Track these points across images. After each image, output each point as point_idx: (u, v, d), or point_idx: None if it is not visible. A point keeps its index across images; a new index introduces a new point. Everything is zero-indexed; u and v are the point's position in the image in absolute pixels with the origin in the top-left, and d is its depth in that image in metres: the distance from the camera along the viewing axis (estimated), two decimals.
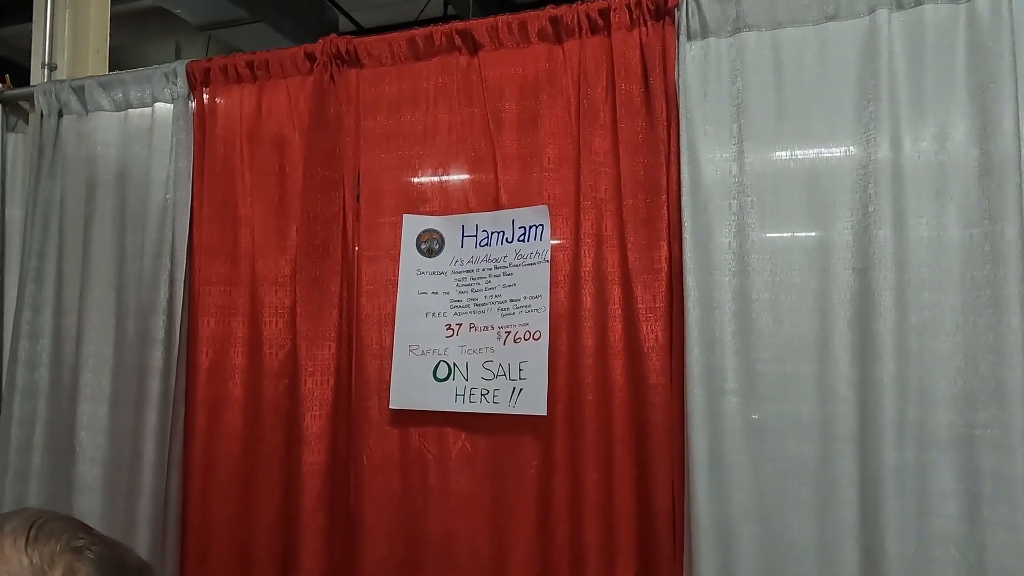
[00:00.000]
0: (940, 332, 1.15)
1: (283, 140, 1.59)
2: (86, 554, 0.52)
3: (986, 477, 1.11)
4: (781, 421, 1.23)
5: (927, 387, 1.15)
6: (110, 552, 0.53)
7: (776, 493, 1.23)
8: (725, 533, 1.24)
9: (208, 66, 1.64)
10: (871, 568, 1.16)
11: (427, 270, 1.47)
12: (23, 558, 0.49)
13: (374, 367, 1.48)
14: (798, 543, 1.21)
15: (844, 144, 1.24)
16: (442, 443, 1.43)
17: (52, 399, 1.70)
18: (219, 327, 1.59)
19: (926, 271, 1.17)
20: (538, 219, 1.39)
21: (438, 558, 1.40)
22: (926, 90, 1.19)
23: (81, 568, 0.51)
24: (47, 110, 1.78)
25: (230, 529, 1.53)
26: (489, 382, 1.39)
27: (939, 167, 1.18)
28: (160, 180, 1.65)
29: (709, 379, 1.26)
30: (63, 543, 0.51)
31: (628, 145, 1.34)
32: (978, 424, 1.12)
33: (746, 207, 1.28)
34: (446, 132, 1.48)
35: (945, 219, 1.17)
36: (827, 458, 1.21)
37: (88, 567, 0.51)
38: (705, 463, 1.25)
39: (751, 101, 1.29)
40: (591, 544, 1.32)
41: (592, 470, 1.33)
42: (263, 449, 1.52)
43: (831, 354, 1.21)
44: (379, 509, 1.44)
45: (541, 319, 1.36)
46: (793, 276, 1.25)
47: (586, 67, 1.39)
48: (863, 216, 1.21)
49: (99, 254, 1.70)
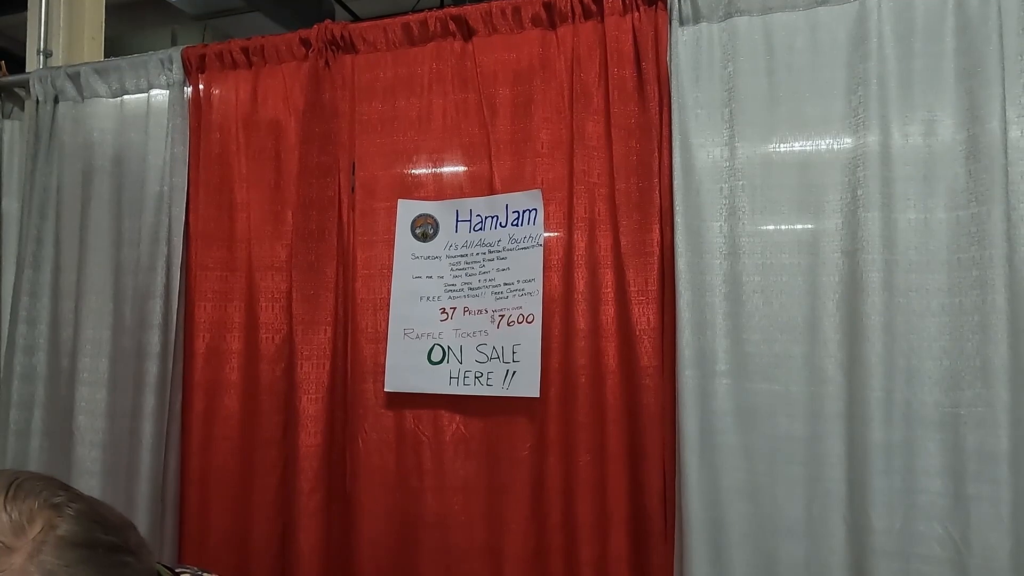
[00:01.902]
0: (927, 313, 1.17)
1: (279, 126, 1.60)
2: (65, 510, 0.52)
3: (970, 455, 1.13)
4: (771, 401, 1.25)
5: (914, 367, 1.17)
6: (89, 508, 0.54)
7: (765, 472, 1.25)
8: (715, 511, 1.26)
9: (204, 52, 1.65)
10: (858, 544, 1.18)
11: (422, 254, 1.48)
12: (2, 515, 0.50)
13: (369, 351, 1.49)
14: (787, 520, 1.23)
15: (834, 128, 1.25)
16: (437, 425, 1.45)
17: (50, 383, 1.71)
18: (216, 312, 1.61)
19: (913, 253, 1.18)
20: (531, 203, 1.40)
21: (433, 538, 1.42)
22: (915, 74, 1.20)
23: (60, 523, 0.51)
24: (43, 96, 1.78)
25: (228, 510, 1.55)
26: (483, 365, 1.40)
27: (927, 150, 1.19)
28: (156, 166, 1.66)
29: (700, 361, 1.28)
30: (42, 500, 0.52)
31: (621, 129, 1.36)
32: (963, 403, 1.14)
33: (737, 191, 1.29)
34: (440, 117, 1.49)
35: (932, 202, 1.18)
36: (815, 437, 1.22)
37: (67, 522, 0.52)
38: (696, 443, 1.26)
39: (743, 86, 1.30)
40: (584, 523, 1.34)
41: (585, 451, 1.34)
42: (260, 432, 1.54)
43: (820, 335, 1.23)
44: (375, 490, 1.46)
45: (534, 302, 1.37)
46: (783, 258, 1.26)
47: (579, 52, 1.40)
48: (852, 199, 1.22)
49: (96, 240, 1.71)
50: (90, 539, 0.52)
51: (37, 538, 0.50)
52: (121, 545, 0.55)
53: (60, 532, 0.51)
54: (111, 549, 0.54)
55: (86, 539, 0.52)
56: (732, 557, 1.25)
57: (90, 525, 0.53)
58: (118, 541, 0.55)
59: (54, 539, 0.50)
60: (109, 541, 0.54)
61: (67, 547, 0.51)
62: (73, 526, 0.52)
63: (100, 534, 0.53)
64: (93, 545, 0.52)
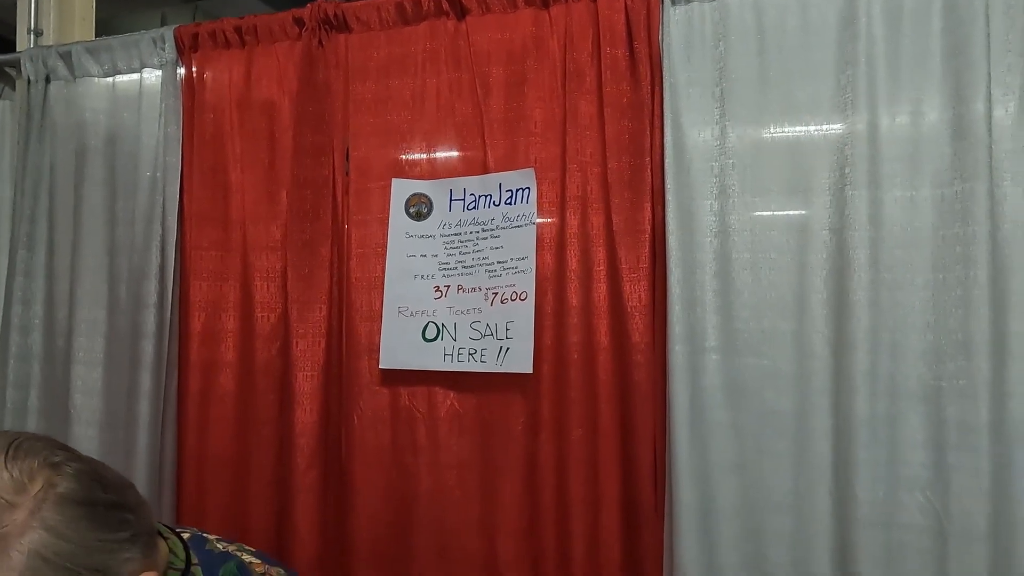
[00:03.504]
0: (911, 288, 1.19)
1: (272, 106, 1.60)
2: (64, 469, 0.54)
3: (951, 426, 1.16)
4: (759, 376, 1.28)
5: (898, 341, 1.19)
6: (88, 467, 0.56)
7: (754, 445, 1.28)
8: (705, 484, 1.29)
9: (196, 32, 1.64)
10: (843, 514, 1.21)
11: (416, 233, 1.49)
12: (4, 473, 0.51)
13: (364, 329, 1.51)
14: (775, 492, 1.26)
15: (823, 108, 1.27)
16: (431, 402, 1.47)
17: (46, 363, 1.72)
18: (211, 291, 1.61)
19: (899, 230, 1.20)
20: (525, 182, 1.42)
21: (428, 512, 1.45)
22: (902, 54, 1.22)
23: (60, 481, 0.53)
24: (34, 76, 1.77)
25: (225, 488, 1.57)
26: (477, 342, 1.42)
27: (913, 129, 1.21)
28: (150, 146, 1.66)
29: (690, 337, 1.30)
30: (41, 459, 0.54)
31: (613, 109, 1.37)
32: (945, 376, 1.17)
33: (727, 169, 1.31)
34: (434, 97, 1.50)
35: (918, 180, 1.20)
36: (803, 411, 1.25)
37: (67, 480, 0.53)
38: (686, 418, 1.29)
39: (733, 65, 1.31)
40: (576, 497, 1.36)
41: (577, 426, 1.37)
42: (256, 410, 1.55)
43: (808, 311, 1.25)
44: (370, 466, 1.48)
45: (527, 280, 1.39)
46: (772, 236, 1.28)
47: (572, 32, 1.40)
48: (840, 178, 1.24)
49: (90, 220, 1.71)
50: (89, 497, 0.54)
51: (38, 495, 0.51)
52: (120, 503, 0.57)
53: (60, 490, 0.52)
54: (110, 506, 0.55)
55: (85, 497, 0.54)
56: (721, 530, 1.28)
57: (89, 483, 0.55)
58: (117, 499, 0.57)
59: (54, 496, 0.52)
60: (108, 499, 0.56)
61: (67, 504, 0.52)
62: (72, 484, 0.53)
63: (99, 492, 0.55)
64: (92, 503, 0.54)
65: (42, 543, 0.50)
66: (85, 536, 0.52)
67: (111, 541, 0.54)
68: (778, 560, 1.25)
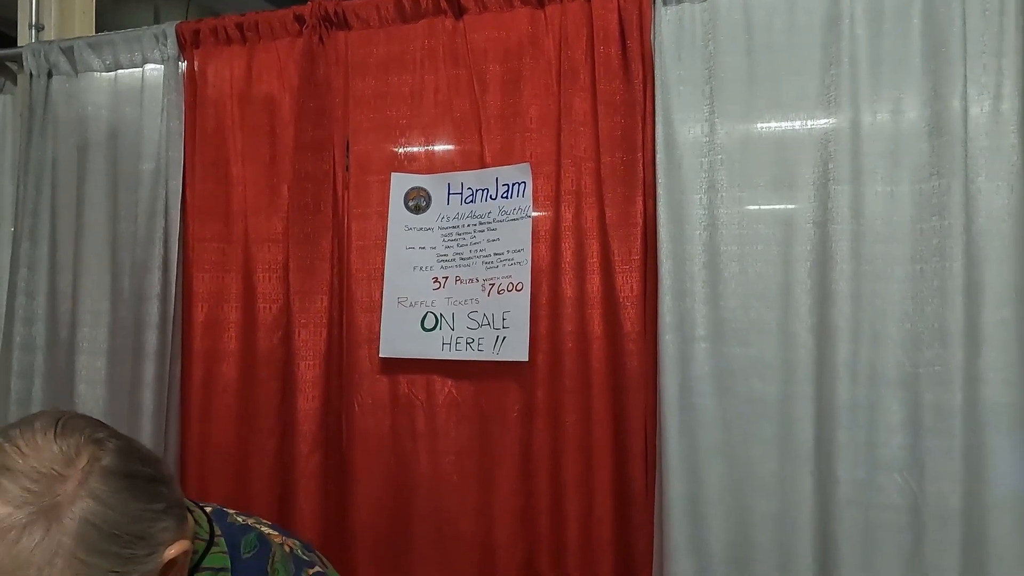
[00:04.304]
0: (891, 279, 1.24)
1: (273, 101, 1.63)
2: (107, 444, 0.58)
3: (928, 410, 1.21)
4: (746, 364, 1.33)
5: (878, 330, 1.25)
6: (127, 444, 0.61)
7: (740, 431, 1.33)
8: (693, 468, 1.33)
9: (198, 28, 1.67)
10: (824, 494, 1.26)
11: (414, 226, 1.53)
12: (54, 447, 0.56)
13: (364, 319, 1.55)
14: (760, 476, 1.31)
15: (808, 106, 1.31)
16: (430, 389, 1.51)
17: (49, 354, 1.74)
18: (214, 283, 1.65)
19: (880, 223, 1.26)
20: (521, 176, 1.46)
21: (426, 497, 1.49)
22: (884, 54, 1.27)
23: (104, 456, 0.57)
24: (36, 71, 1.79)
25: (228, 474, 1.61)
26: (474, 331, 1.47)
27: (894, 127, 1.26)
28: (152, 141, 1.69)
29: (680, 326, 1.35)
30: (86, 435, 0.58)
31: (606, 105, 1.41)
32: (922, 363, 1.22)
33: (716, 165, 1.36)
34: (432, 93, 1.54)
35: (898, 175, 1.25)
36: (787, 397, 1.30)
37: (110, 455, 0.58)
38: (676, 404, 1.34)
39: (722, 64, 1.36)
40: (570, 481, 1.41)
41: (571, 413, 1.42)
42: (259, 398, 1.59)
43: (792, 301, 1.30)
44: (370, 452, 1.52)
45: (523, 271, 1.43)
46: (759, 229, 1.33)
47: (567, 30, 1.44)
48: (824, 173, 1.29)
49: (92, 213, 1.74)
50: (130, 470, 0.59)
51: (84, 468, 0.56)
52: (156, 476, 0.62)
53: (104, 463, 0.57)
54: (148, 479, 0.60)
55: (127, 470, 0.58)
56: (709, 511, 1.33)
57: (129, 458, 0.59)
58: (154, 472, 0.61)
59: (99, 469, 0.56)
60: (146, 472, 0.60)
61: (111, 476, 0.57)
62: (115, 458, 0.58)
63: (138, 466, 0.60)
64: (133, 475, 0.59)
65: (91, 511, 0.54)
66: (128, 506, 0.56)
67: (150, 511, 0.58)
68: (763, 539, 1.30)
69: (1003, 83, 1.19)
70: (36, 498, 0.53)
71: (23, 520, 0.51)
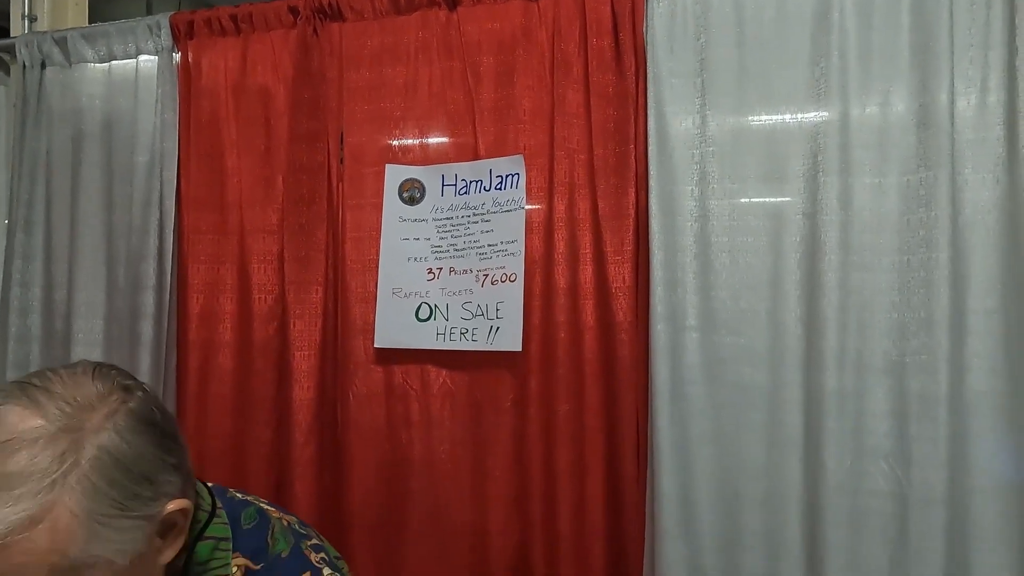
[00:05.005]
0: (878, 269, 1.26)
1: (268, 92, 1.64)
2: (135, 391, 0.64)
3: (913, 398, 1.23)
4: (736, 353, 1.34)
5: (865, 319, 1.27)
6: (154, 398, 0.67)
7: (730, 419, 1.34)
8: (684, 456, 1.35)
9: (192, 19, 1.67)
10: (812, 481, 1.29)
11: (409, 217, 1.54)
12: (91, 385, 0.62)
13: (359, 310, 1.56)
14: (749, 463, 1.33)
15: (798, 98, 1.32)
16: (424, 379, 1.53)
17: (46, 344, 1.75)
18: (209, 274, 1.66)
19: (867, 215, 1.27)
20: (514, 168, 1.47)
21: (421, 484, 1.51)
22: (873, 47, 1.28)
23: (131, 399, 0.63)
24: (29, 61, 1.79)
25: (224, 464, 1.62)
26: (468, 321, 1.48)
27: (882, 119, 1.28)
28: (146, 132, 1.69)
29: (671, 316, 1.37)
30: (118, 381, 0.64)
31: (599, 97, 1.42)
32: (908, 351, 1.24)
33: (707, 157, 1.37)
34: (426, 85, 1.54)
35: (886, 167, 1.27)
36: (776, 385, 1.32)
37: (136, 400, 0.63)
38: (667, 393, 1.36)
39: (714, 57, 1.37)
40: (563, 468, 1.43)
41: (564, 401, 1.43)
42: (254, 388, 1.61)
43: (782, 291, 1.32)
44: (365, 441, 1.54)
45: (517, 262, 1.45)
46: (749, 221, 1.35)
47: (560, 23, 1.45)
48: (813, 165, 1.31)
49: (87, 204, 1.74)
50: (151, 418, 0.64)
51: (113, 405, 0.61)
52: (173, 434, 0.66)
53: (131, 405, 0.62)
54: (165, 433, 0.65)
55: (149, 416, 0.63)
56: (699, 498, 1.35)
57: (152, 408, 0.65)
58: (171, 430, 0.66)
59: (126, 409, 0.62)
60: (165, 426, 0.65)
61: (134, 417, 0.62)
62: (141, 404, 0.63)
63: (159, 417, 0.65)
64: (153, 423, 0.63)
65: (110, 442, 0.59)
66: (144, 448, 0.61)
67: (162, 460, 0.63)
68: (752, 525, 1.32)
69: (990, 76, 1.21)
70: (67, 419, 0.58)
71: (52, 432, 0.57)
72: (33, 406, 0.58)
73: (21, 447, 0.55)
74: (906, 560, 1.23)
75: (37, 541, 0.54)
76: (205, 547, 0.69)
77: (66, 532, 0.55)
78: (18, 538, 0.53)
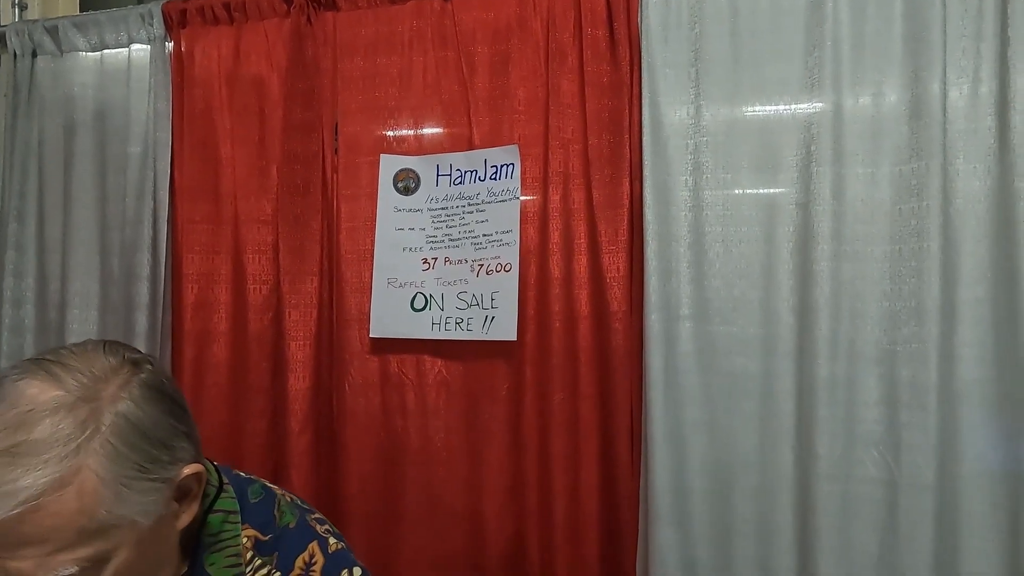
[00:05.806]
0: (870, 259, 1.27)
1: (262, 82, 1.63)
2: (144, 365, 0.66)
3: (904, 386, 1.25)
4: (729, 342, 1.36)
5: (857, 308, 1.28)
6: (162, 370, 0.69)
7: (723, 407, 1.36)
8: (678, 444, 1.37)
9: (184, 7, 1.66)
10: (804, 468, 1.30)
11: (404, 207, 1.55)
12: (104, 359, 0.64)
13: (354, 300, 1.56)
14: (742, 450, 1.35)
15: (791, 88, 1.33)
16: (420, 369, 1.53)
17: (39, 336, 1.75)
18: (203, 264, 1.65)
19: (860, 205, 1.28)
20: (509, 158, 1.47)
21: (416, 473, 1.52)
22: (866, 37, 1.29)
23: (142, 371, 0.65)
24: (20, 50, 1.78)
25: (220, 453, 1.61)
26: (463, 311, 1.49)
27: (875, 110, 1.29)
28: (140, 121, 1.68)
29: (665, 305, 1.38)
30: (127, 355, 0.66)
31: (594, 88, 1.43)
32: (899, 340, 1.26)
33: (702, 147, 1.38)
34: (421, 75, 1.54)
35: (878, 157, 1.28)
36: (768, 374, 1.34)
37: (146, 373, 0.66)
38: (660, 382, 1.37)
39: (708, 47, 1.37)
40: (558, 456, 1.44)
41: (558, 390, 1.44)
42: (250, 378, 1.61)
43: (775, 280, 1.33)
44: (361, 430, 1.54)
45: (512, 252, 1.45)
46: (742, 210, 1.36)
47: (554, 13, 1.45)
48: (806, 155, 1.32)
49: (80, 194, 1.73)
50: (162, 389, 0.66)
51: (125, 377, 0.64)
52: (182, 406, 0.68)
53: (143, 376, 0.65)
54: (175, 404, 0.67)
55: (160, 387, 0.66)
56: (692, 486, 1.37)
57: (162, 380, 0.67)
58: (181, 400, 0.69)
59: (138, 380, 0.64)
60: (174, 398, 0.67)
61: (147, 388, 0.64)
62: (151, 376, 0.66)
63: (169, 389, 0.67)
64: (165, 392, 0.66)
65: (128, 410, 0.62)
66: (158, 417, 0.64)
67: (175, 428, 0.65)
68: (745, 511, 1.34)
69: (981, 67, 1.22)
70: (84, 390, 0.60)
71: (71, 401, 0.59)
72: (51, 379, 0.60)
73: (44, 416, 0.58)
74: (896, 546, 1.25)
75: (66, 503, 0.56)
76: (216, 519, 0.72)
77: (93, 494, 0.57)
78: (48, 499, 0.55)
